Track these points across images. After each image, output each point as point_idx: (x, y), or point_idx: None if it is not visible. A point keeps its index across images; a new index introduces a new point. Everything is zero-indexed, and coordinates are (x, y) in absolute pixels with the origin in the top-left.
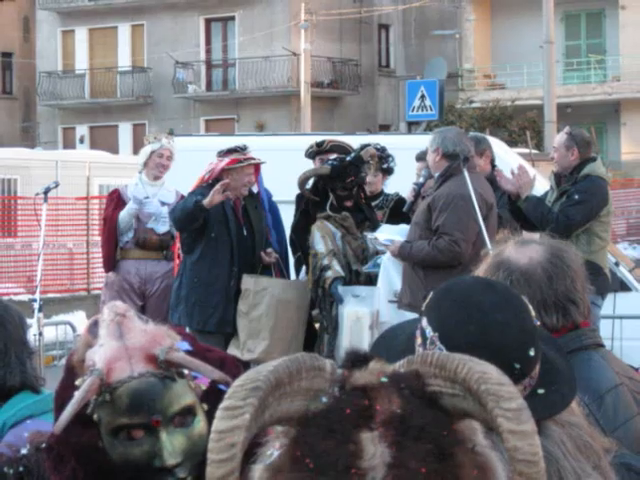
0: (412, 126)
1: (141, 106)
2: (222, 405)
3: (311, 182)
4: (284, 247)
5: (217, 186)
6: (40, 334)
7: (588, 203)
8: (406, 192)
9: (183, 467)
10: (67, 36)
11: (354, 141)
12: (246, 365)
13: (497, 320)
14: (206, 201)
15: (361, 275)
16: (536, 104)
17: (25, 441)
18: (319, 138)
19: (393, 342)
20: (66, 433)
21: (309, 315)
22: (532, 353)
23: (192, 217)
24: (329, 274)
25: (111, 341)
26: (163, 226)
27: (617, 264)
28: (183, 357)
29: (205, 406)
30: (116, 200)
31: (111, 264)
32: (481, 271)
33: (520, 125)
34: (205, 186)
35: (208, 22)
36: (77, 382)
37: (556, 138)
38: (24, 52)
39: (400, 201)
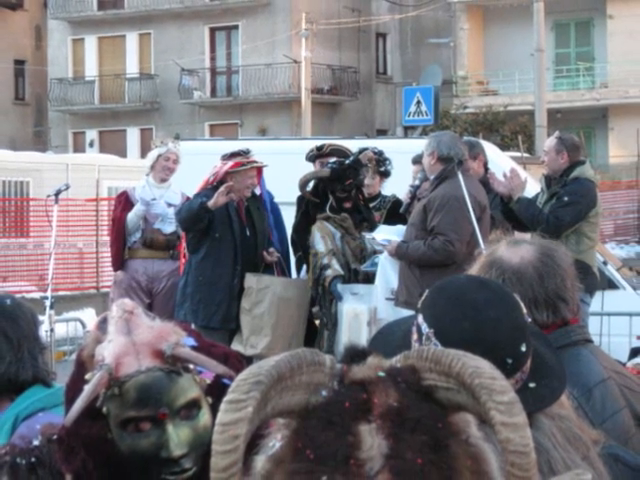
0: (408, 131)
1: (148, 111)
2: (226, 398)
3: (311, 184)
4: (285, 247)
5: (221, 188)
6: (51, 330)
7: (577, 204)
8: (403, 194)
9: (189, 458)
10: (77, 44)
11: (353, 145)
12: (249, 360)
13: (490, 317)
14: (210, 202)
15: (359, 274)
16: (527, 110)
17: (37, 433)
18: (319, 142)
19: (390, 338)
20: (76, 425)
21: (309, 312)
22: (524, 348)
23: (197, 218)
24: (329, 273)
25: (119, 337)
26: (169, 226)
27: (605, 263)
28: (188, 352)
29: (210, 399)
30: (124, 202)
31: (119, 263)
32: (475, 270)
33: (512, 130)
34: (210, 188)
35: (212, 31)
36: (87, 376)
37: (547, 142)
38: (36, 60)
39: (397, 203)
